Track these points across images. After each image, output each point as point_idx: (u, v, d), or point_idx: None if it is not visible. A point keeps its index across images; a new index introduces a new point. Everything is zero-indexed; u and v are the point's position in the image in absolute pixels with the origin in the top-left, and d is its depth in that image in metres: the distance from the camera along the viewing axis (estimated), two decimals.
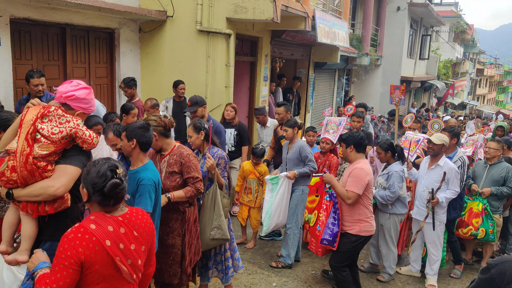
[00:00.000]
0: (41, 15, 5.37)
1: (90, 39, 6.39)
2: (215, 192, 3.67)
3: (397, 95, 8.05)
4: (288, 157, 4.96)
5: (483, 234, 5.10)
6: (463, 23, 30.35)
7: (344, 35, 10.66)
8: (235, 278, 4.63)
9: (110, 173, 1.98)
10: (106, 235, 1.92)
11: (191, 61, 7.02)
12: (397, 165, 4.73)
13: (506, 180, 5.21)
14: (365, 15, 14.73)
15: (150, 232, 2.15)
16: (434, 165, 4.72)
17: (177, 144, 3.40)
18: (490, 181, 5.27)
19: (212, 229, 3.64)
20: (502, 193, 5.19)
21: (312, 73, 11.65)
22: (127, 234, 2.00)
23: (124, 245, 1.97)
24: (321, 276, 4.92)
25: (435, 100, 26.28)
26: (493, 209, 5.25)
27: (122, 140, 2.93)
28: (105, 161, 2.03)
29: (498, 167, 5.28)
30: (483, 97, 46.93)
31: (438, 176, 4.61)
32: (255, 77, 8.54)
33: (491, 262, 1.91)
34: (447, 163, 4.67)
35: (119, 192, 1.99)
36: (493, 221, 5.12)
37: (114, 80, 6.88)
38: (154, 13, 6.68)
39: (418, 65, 21.14)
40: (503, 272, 1.81)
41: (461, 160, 5.00)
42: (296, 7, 7.39)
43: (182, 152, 3.32)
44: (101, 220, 1.96)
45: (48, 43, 5.78)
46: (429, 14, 18.83)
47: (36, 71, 4.49)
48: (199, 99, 5.01)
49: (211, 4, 6.78)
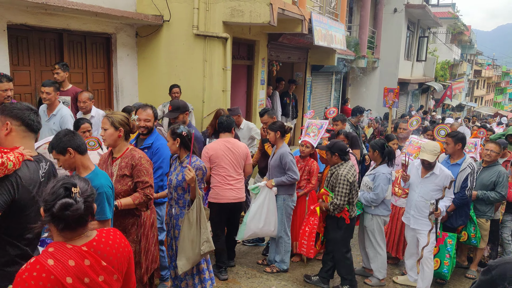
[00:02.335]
0: (38, 21, 5.39)
1: (87, 44, 6.41)
2: (200, 206, 3.56)
3: (391, 97, 8.06)
4: (271, 164, 4.86)
5: (465, 237, 5.00)
6: (460, 24, 30.46)
7: (341, 37, 10.70)
8: (236, 282, 4.64)
9: (63, 191, 1.71)
10: (66, 271, 1.67)
11: (188, 65, 7.04)
12: (384, 167, 4.67)
13: (496, 185, 4.96)
14: (361, 17, 14.77)
15: (125, 255, 1.92)
16: (428, 173, 4.49)
17: (130, 147, 3.33)
18: (480, 185, 5.05)
19: (202, 244, 3.53)
20: (489, 198, 4.96)
21: (309, 76, 11.67)
22: (93, 266, 1.75)
23: (90, 279, 1.73)
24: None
25: (432, 102, 26.31)
26: (480, 213, 5.08)
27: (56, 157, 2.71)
28: (66, 177, 1.80)
29: (490, 171, 5.06)
30: (481, 99, 46.99)
31: (434, 185, 4.45)
32: (252, 80, 8.56)
33: (492, 263, 1.91)
34: (442, 171, 4.46)
35: (70, 214, 1.69)
36: (475, 226, 4.99)
37: (112, 85, 6.90)
38: (151, 18, 6.71)
39: (415, 67, 21.18)
40: (504, 273, 1.81)
41: (471, 167, 4.77)
42: (292, 10, 7.41)
43: (134, 154, 3.24)
44: (60, 253, 1.70)
45: (46, 49, 5.80)
46: (426, 15, 18.87)
47: (4, 75, 4.36)
48: (182, 104, 4.83)
49: (208, 8, 6.80)
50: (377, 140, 4.92)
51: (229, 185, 4.56)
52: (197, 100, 7.03)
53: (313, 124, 5.31)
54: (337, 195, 4.30)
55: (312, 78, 12.01)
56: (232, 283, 4.63)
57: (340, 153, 4.39)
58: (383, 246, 4.79)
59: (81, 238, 1.78)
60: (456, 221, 4.88)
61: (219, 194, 4.54)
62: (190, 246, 3.54)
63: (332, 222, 4.50)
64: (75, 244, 1.75)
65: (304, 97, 11.52)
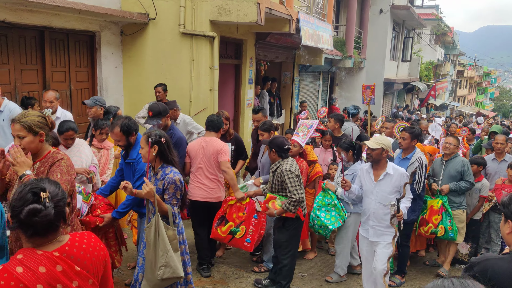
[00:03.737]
0: (18, 18, 5.20)
1: (70, 43, 6.23)
2: (158, 225, 3.17)
3: (368, 94, 8.06)
4: (262, 161, 4.85)
5: (443, 231, 5.00)
6: (443, 25, 30.87)
7: (328, 37, 10.70)
8: (224, 283, 4.56)
9: (31, 196, 1.62)
10: (36, 279, 1.58)
11: (174, 64, 6.91)
12: (360, 164, 4.65)
13: (463, 175, 5.09)
14: (348, 17, 14.82)
15: (100, 259, 1.84)
16: (381, 175, 4.02)
17: (52, 149, 2.86)
18: (448, 177, 5.15)
19: (159, 268, 3.15)
20: (461, 188, 5.06)
21: (297, 75, 11.65)
22: (65, 272, 1.66)
23: (64, 285, 1.65)
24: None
25: (417, 101, 26.63)
26: (456, 205, 5.15)
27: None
28: (34, 181, 1.71)
29: (453, 162, 5.16)
30: (463, 98, 47.81)
31: (391, 187, 3.98)
32: (240, 80, 8.47)
33: (474, 260, 1.96)
34: (396, 169, 4.03)
35: (39, 221, 1.60)
36: (451, 218, 5.03)
37: (96, 85, 6.73)
38: (136, 16, 6.56)
39: (400, 67, 21.40)
40: (485, 270, 1.88)
41: (419, 160, 4.73)
42: (280, 10, 7.35)
43: (56, 157, 2.78)
44: (30, 260, 1.61)
45: (26, 47, 5.61)
46: (411, 16, 19.07)
47: None
48: (162, 108, 4.60)
49: (194, 6, 6.69)
50: (344, 141, 4.90)
51: (199, 183, 4.55)
52: (184, 99, 6.91)
53: (304, 123, 5.28)
54: (293, 190, 3.99)
55: (300, 78, 11.99)
56: (220, 283, 4.56)
57: (277, 149, 4.13)
58: (352, 244, 4.83)
59: (52, 243, 1.69)
60: (408, 216, 4.65)
61: (190, 191, 4.55)
62: (149, 268, 3.24)
63: (278, 222, 4.29)
64: (46, 250, 1.66)
65: (292, 97, 11.49)
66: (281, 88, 11.49)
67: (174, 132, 4.65)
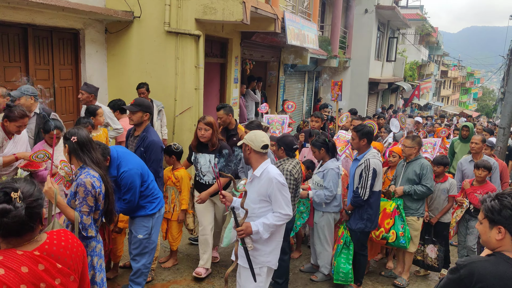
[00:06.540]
0: (1, 15, 5.16)
1: (53, 40, 6.19)
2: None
3: (336, 91, 8.07)
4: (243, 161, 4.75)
5: (394, 237, 4.62)
6: (428, 26, 31.33)
7: (313, 37, 10.79)
8: (209, 282, 4.58)
9: (1, 196, 1.59)
10: (19, 279, 1.57)
11: (159, 62, 6.92)
12: (332, 162, 4.67)
13: (421, 178, 4.70)
14: (333, 17, 14.94)
15: (79, 254, 1.85)
16: (250, 177, 3.31)
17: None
18: (406, 180, 4.79)
19: None
20: (416, 191, 4.65)
21: (282, 75, 11.72)
22: (48, 270, 1.67)
23: (47, 284, 1.66)
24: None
25: (401, 101, 26.98)
26: (411, 211, 4.75)
27: None
28: (9, 181, 1.68)
29: (413, 164, 4.79)
30: (447, 98, 48.55)
31: (256, 194, 3.19)
32: (226, 79, 8.50)
33: (460, 262, 1.93)
34: (267, 172, 3.14)
35: (8, 221, 1.57)
36: (404, 223, 4.68)
37: (80, 83, 6.69)
38: (121, 14, 6.54)
39: (385, 67, 21.63)
40: (472, 273, 1.85)
41: (366, 163, 4.29)
42: (265, 9, 7.41)
43: None
44: (11, 261, 1.59)
45: (9, 44, 5.55)
46: (395, 17, 19.29)
47: None
48: (146, 104, 4.23)
49: (179, 4, 6.69)
50: (317, 138, 4.88)
51: None
52: (169, 98, 6.92)
53: (275, 120, 5.18)
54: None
55: (286, 77, 12.06)
56: (206, 283, 4.58)
57: (285, 147, 4.12)
58: (330, 243, 4.83)
59: (30, 243, 1.68)
60: (354, 223, 4.44)
61: None
62: None
63: None
64: (26, 249, 1.65)
65: (278, 96, 11.55)
66: (267, 87, 11.55)
67: (147, 135, 4.19)
